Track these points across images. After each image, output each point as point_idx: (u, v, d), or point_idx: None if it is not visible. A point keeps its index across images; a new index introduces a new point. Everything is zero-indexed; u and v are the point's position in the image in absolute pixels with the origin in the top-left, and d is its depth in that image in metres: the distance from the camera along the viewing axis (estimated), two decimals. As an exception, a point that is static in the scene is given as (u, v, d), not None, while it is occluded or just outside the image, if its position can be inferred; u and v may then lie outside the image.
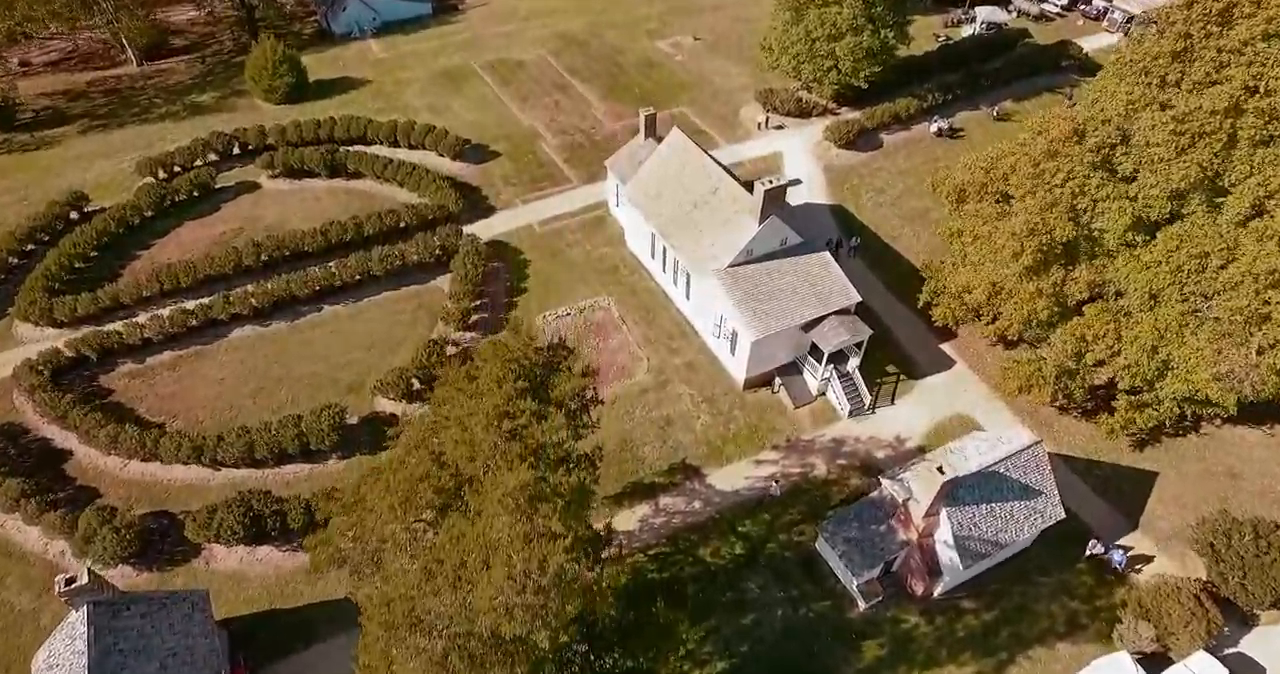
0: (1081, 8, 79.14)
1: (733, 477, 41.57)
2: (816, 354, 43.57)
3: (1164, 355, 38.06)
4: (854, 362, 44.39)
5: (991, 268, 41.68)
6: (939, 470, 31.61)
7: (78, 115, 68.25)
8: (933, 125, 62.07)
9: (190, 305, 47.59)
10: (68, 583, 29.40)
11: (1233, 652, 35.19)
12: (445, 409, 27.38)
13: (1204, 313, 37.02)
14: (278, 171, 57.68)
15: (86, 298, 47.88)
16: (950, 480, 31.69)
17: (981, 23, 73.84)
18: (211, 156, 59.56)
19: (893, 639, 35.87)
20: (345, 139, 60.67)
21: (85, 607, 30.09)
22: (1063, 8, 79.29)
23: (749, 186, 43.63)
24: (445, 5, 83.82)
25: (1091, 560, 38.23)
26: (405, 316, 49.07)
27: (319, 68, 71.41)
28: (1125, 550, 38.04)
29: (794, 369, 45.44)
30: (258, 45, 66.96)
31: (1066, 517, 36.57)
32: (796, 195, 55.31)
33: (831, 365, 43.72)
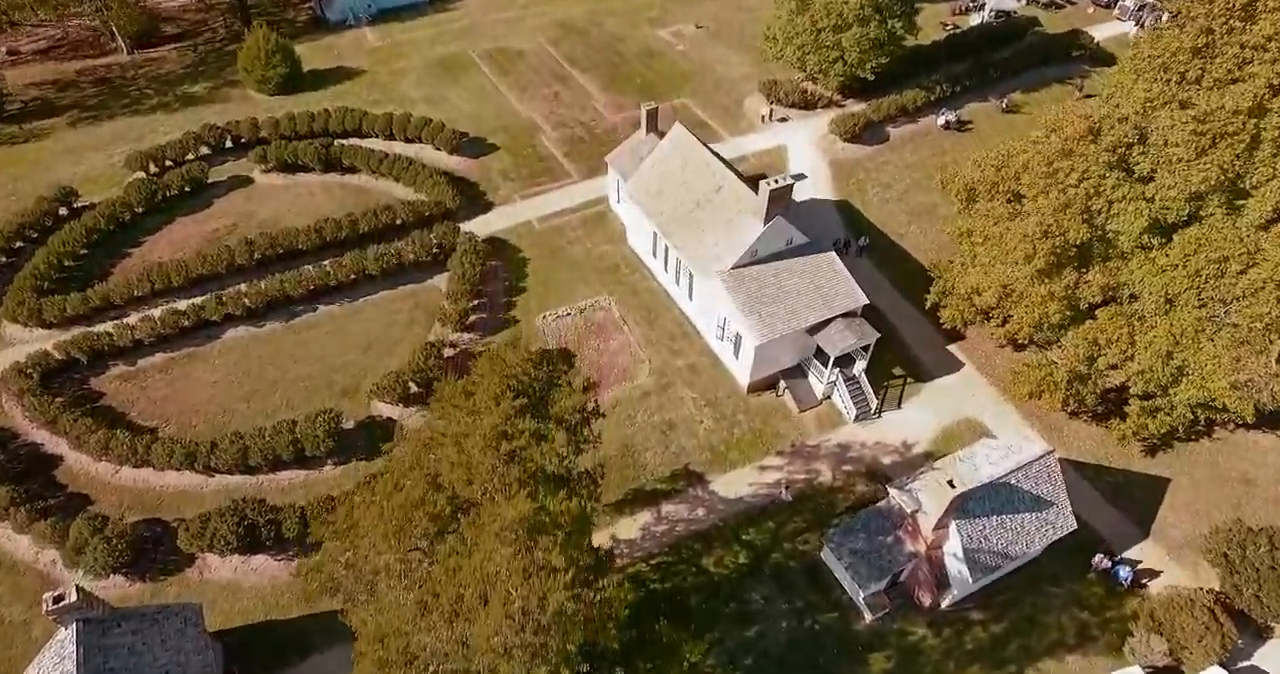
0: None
1: (736, 483, 40.78)
2: (822, 357, 42.66)
3: (1179, 361, 37.16)
4: (860, 365, 43.46)
5: (1002, 270, 40.65)
6: (949, 483, 30.81)
7: (67, 106, 66.75)
8: (940, 118, 60.72)
9: (182, 306, 46.57)
10: (55, 601, 28.68)
11: (1246, 665, 34.61)
12: (442, 425, 26.52)
13: (1221, 319, 36.04)
14: (271, 166, 56.39)
15: (76, 298, 46.81)
16: (961, 494, 30.89)
17: (990, 10, 72.16)
18: (203, 150, 58.25)
19: (900, 652, 35.23)
20: (340, 132, 59.37)
21: (74, 624, 29.39)
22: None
23: (753, 184, 42.54)
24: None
25: (1099, 575, 37.45)
26: (402, 317, 48.06)
27: (313, 57, 69.81)
28: (1132, 566, 37.17)
29: (799, 372, 44.52)
30: (250, 33, 65.41)
31: (1077, 526, 35.77)
32: (801, 191, 54.12)
33: (837, 369, 42.81)
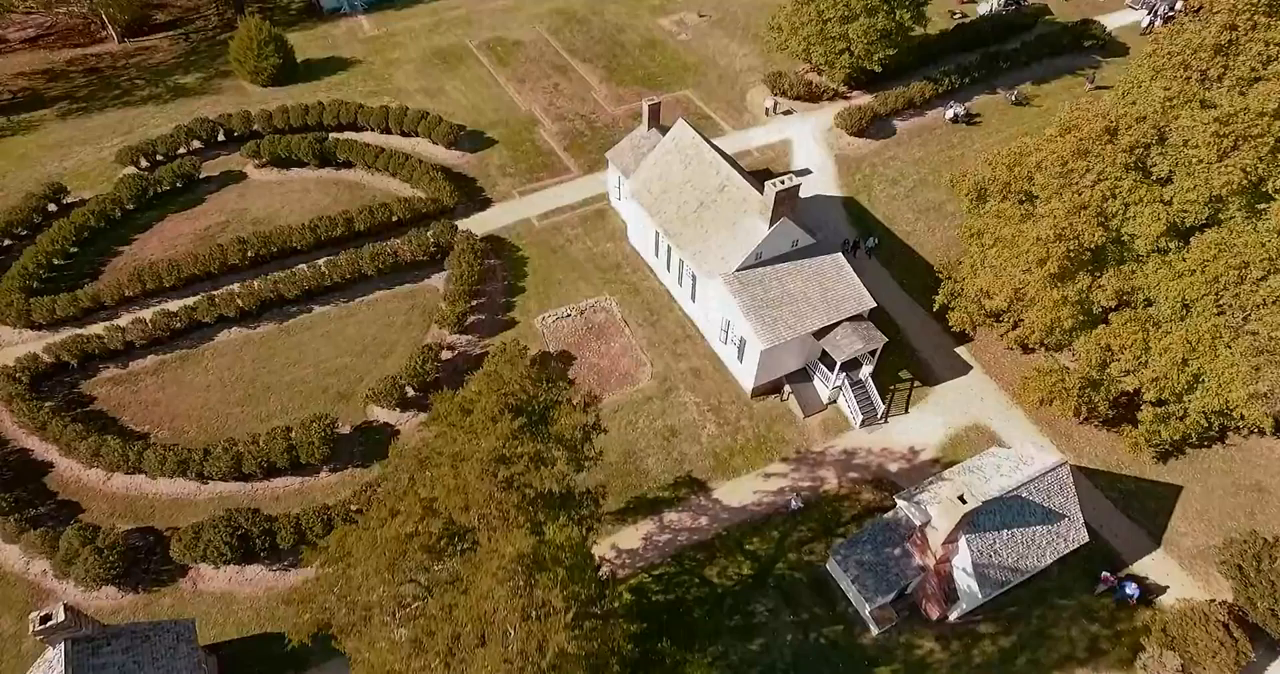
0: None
1: (740, 491, 39.99)
2: (828, 361, 41.73)
3: (1195, 369, 36.18)
4: (867, 369, 42.53)
5: (1013, 272, 39.56)
6: (960, 499, 29.97)
7: (56, 97, 65.34)
8: (948, 111, 59.35)
9: (174, 307, 45.54)
10: (43, 621, 27.95)
11: (1259, 680, 34.01)
12: (439, 443, 25.64)
13: (1240, 326, 35.03)
14: (264, 161, 55.17)
15: (66, 298, 45.79)
16: (972, 510, 30.07)
17: (999, -1, 70.62)
18: (195, 144, 57.03)
19: (907, 666, 34.56)
20: (334, 125, 58.08)
21: (63, 644, 28.68)
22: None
23: (757, 180, 41.42)
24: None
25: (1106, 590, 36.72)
26: (399, 318, 47.06)
27: (307, 46, 68.29)
28: (1139, 584, 36.30)
29: (804, 376, 43.62)
30: (242, 23, 63.86)
31: (1089, 539, 35.00)
32: (806, 187, 52.90)
33: (843, 373, 41.88)
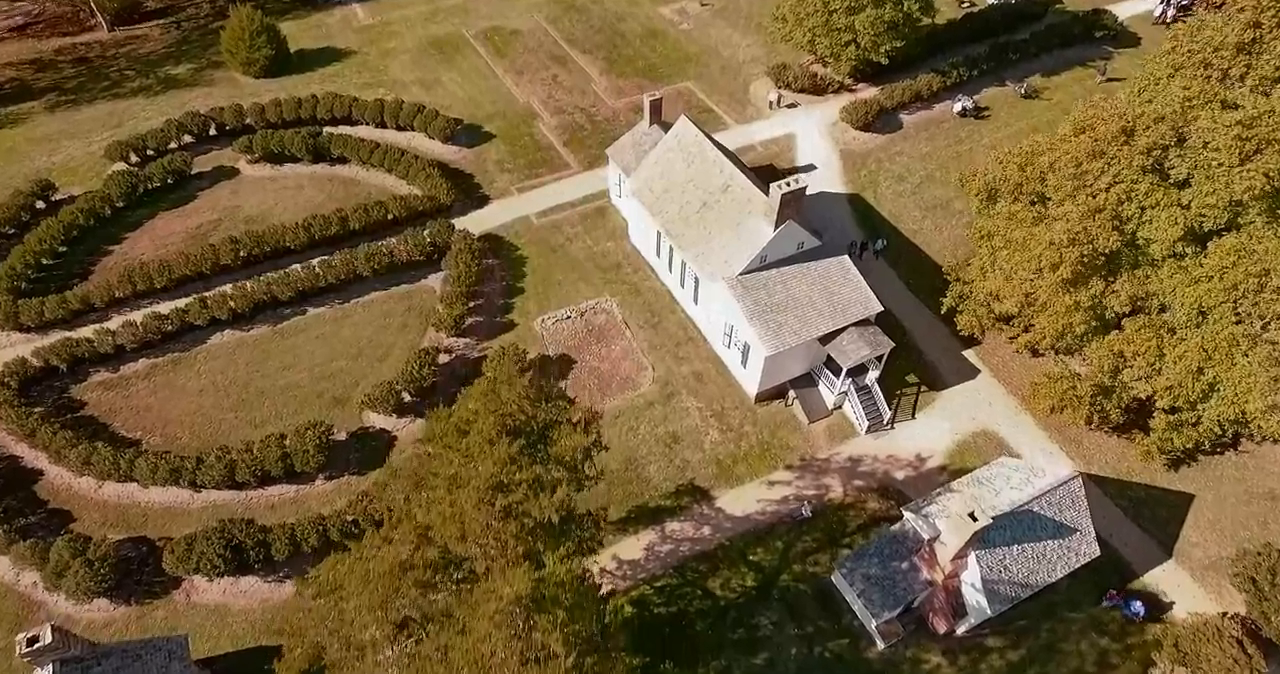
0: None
1: (744, 499, 39.24)
2: (833, 367, 40.81)
3: (1210, 377, 35.33)
4: (873, 374, 41.65)
5: (1024, 276, 38.56)
6: (971, 516, 29.21)
7: (45, 88, 63.93)
8: (956, 104, 57.99)
9: (165, 309, 44.55)
10: (30, 643, 27.26)
11: (1273, 696, 33.37)
12: (435, 464, 24.80)
13: (1259, 335, 34.09)
14: (257, 156, 53.92)
15: (54, 300, 44.83)
16: (983, 527, 29.30)
17: (1009, -13, 68.78)
18: (186, 139, 55.74)
19: (913, 681, 34.02)
20: (328, 119, 56.74)
21: (51, 665, 28.02)
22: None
23: (760, 179, 40.34)
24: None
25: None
26: (395, 319, 46.09)
27: (300, 36, 66.74)
28: (1145, 602, 35.51)
29: (808, 380, 42.73)
30: (234, 12, 62.30)
31: (1100, 553, 34.28)
32: (811, 184, 51.51)
33: (849, 378, 40.98)
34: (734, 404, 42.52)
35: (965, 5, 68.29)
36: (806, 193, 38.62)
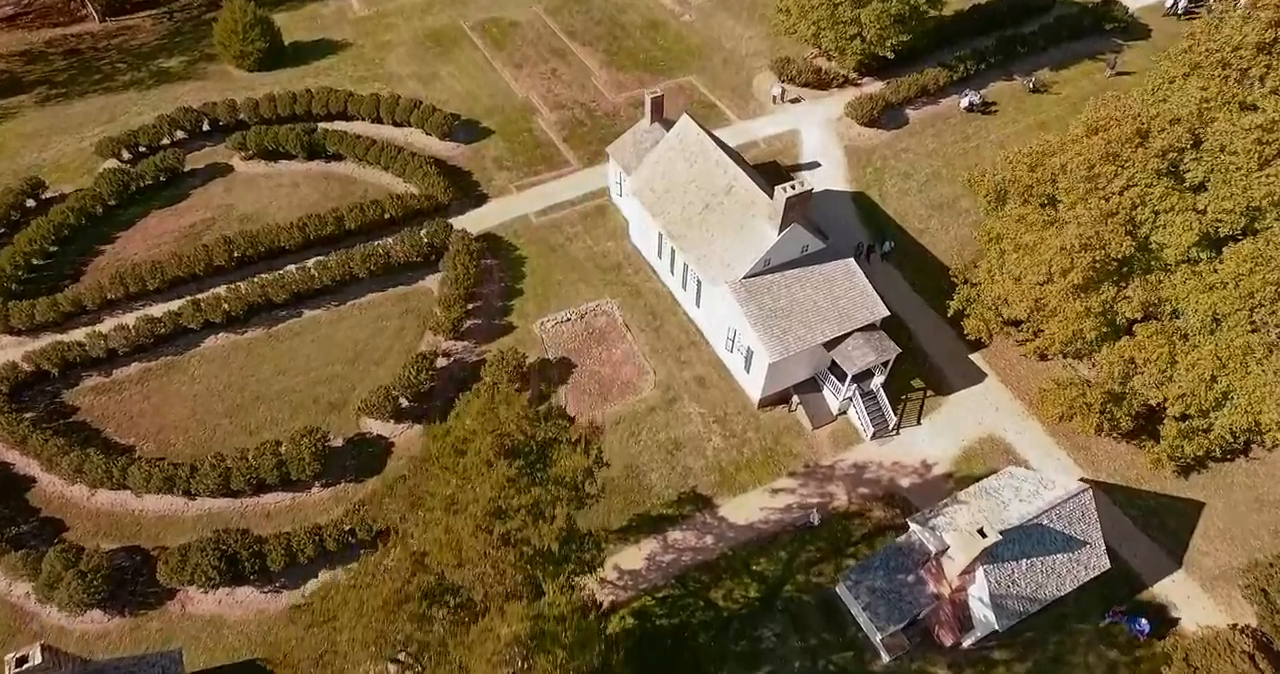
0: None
1: (747, 507, 38.62)
2: (838, 372, 40.09)
3: (1224, 386, 34.56)
4: (878, 379, 40.91)
5: (1033, 281, 37.72)
6: (980, 533, 28.62)
7: (35, 82, 62.88)
8: (963, 99, 56.85)
9: (158, 312, 43.79)
10: (19, 663, 26.74)
11: (1284, 711, 32.85)
12: (432, 484, 24.13)
13: (1275, 344, 33.29)
14: (251, 153, 52.92)
15: (45, 302, 44.06)
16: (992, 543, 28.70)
17: (1017, -23, 67.34)
18: (179, 134, 54.74)
19: (918, 695, 33.54)
20: (323, 114, 55.70)
21: (41, 685, 27.48)
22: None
23: (764, 178, 39.40)
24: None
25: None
26: (392, 322, 45.30)
27: (295, 28, 65.50)
28: (1149, 619, 34.80)
29: (813, 385, 41.99)
30: (228, 1, 61.04)
31: (1110, 566, 33.68)
32: (815, 181, 50.80)
33: (854, 383, 40.25)
34: (737, 410, 41.83)
35: (973, -4, 66.79)
36: (813, 193, 37.72)
